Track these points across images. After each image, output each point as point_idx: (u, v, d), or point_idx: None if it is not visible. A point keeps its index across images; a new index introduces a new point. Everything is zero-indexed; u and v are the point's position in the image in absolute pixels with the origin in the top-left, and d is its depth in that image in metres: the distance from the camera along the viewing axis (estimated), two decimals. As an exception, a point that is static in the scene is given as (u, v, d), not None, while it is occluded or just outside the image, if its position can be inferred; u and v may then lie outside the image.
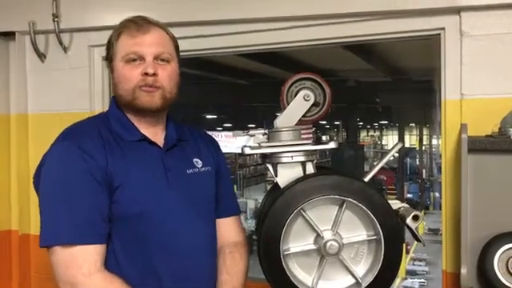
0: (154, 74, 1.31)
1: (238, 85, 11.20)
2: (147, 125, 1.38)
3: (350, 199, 1.29)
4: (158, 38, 1.35)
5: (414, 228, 1.33)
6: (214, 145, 1.58)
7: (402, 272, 11.37)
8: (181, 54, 1.45)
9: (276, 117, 1.45)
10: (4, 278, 2.43)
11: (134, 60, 1.32)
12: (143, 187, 1.31)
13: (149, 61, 1.32)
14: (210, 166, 1.48)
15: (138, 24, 1.34)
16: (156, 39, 1.34)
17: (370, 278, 1.31)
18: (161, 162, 1.37)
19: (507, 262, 1.54)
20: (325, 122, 23.15)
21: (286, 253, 1.30)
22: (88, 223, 1.25)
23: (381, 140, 34.13)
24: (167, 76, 1.34)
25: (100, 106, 2.37)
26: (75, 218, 1.24)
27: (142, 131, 1.38)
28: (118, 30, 1.36)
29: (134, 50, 1.32)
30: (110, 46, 1.38)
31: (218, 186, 1.50)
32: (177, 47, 1.41)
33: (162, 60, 1.34)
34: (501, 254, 1.55)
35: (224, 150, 1.64)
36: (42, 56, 2.41)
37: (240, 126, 16.91)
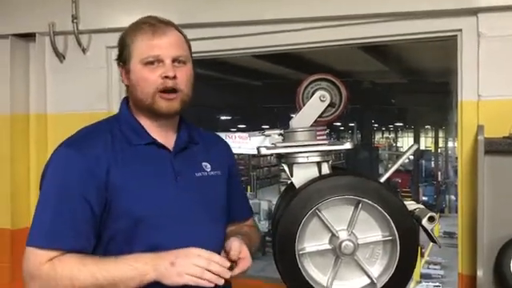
0: (174, 77, 1.32)
1: (252, 86, 11.21)
2: (159, 128, 1.37)
3: (365, 200, 1.29)
4: (175, 40, 1.35)
5: (429, 229, 1.32)
6: (226, 148, 1.57)
7: (416, 275, 11.25)
8: (197, 55, 1.46)
9: (290, 118, 1.45)
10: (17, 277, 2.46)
11: (152, 63, 1.32)
12: (144, 192, 1.30)
13: (168, 64, 1.32)
14: (219, 170, 1.46)
15: (154, 26, 1.34)
16: (173, 41, 1.34)
17: (385, 279, 1.31)
18: (170, 166, 1.36)
19: (524, 264, 1.53)
20: (339, 124, 23.06)
21: (301, 252, 1.31)
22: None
23: (396, 142, 33.84)
24: (185, 78, 1.34)
25: (118, 106, 2.40)
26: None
27: (152, 134, 1.37)
28: (133, 32, 1.35)
29: (153, 53, 1.31)
30: (123, 47, 1.37)
31: (230, 189, 1.49)
32: (190, 47, 1.41)
33: (179, 62, 1.34)
34: (518, 257, 1.54)
35: (238, 151, 1.65)
36: (61, 57, 2.45)
37: (254, 127, 16.90)
